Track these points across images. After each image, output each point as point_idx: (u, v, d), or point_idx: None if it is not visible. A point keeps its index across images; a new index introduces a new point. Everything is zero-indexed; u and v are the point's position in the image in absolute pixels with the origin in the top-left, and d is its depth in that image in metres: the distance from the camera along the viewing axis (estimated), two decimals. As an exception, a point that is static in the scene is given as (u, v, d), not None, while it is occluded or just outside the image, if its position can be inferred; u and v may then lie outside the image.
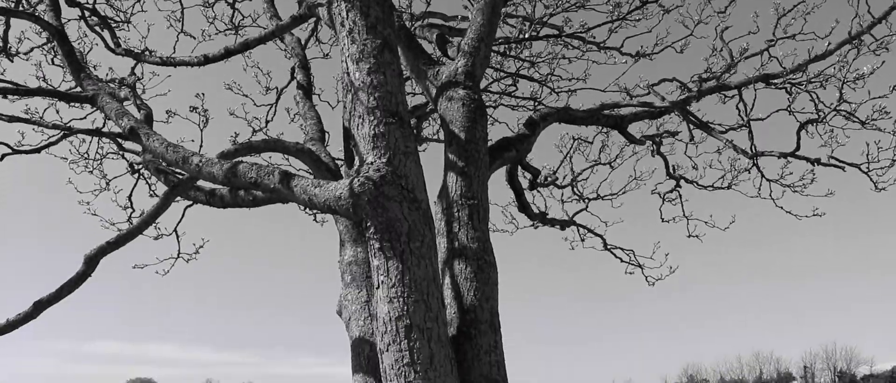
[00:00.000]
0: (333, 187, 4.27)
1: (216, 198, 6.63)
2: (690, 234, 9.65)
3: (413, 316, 3.99)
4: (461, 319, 4.54)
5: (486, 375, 4.33)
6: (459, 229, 4.83)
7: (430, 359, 3.93)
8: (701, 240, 9.83)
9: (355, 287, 5.20)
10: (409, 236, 4.13)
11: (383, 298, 4.10)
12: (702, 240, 9.80)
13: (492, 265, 4.77)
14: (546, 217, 8.80)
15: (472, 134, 5.17)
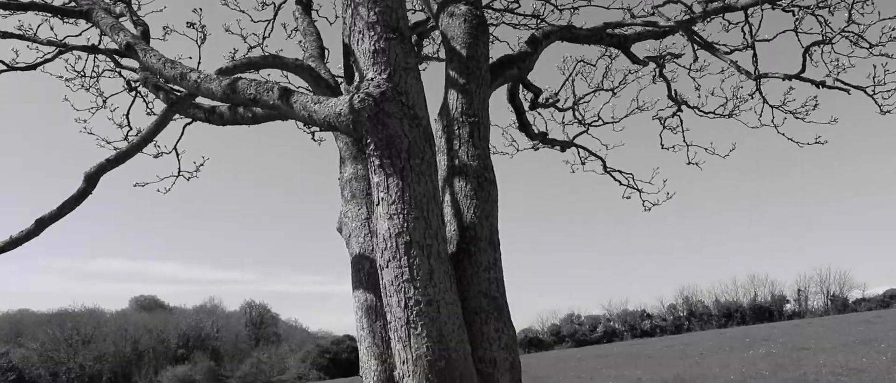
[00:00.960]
0: (333, 103, 4.24)
1: (215, 116, 6.58)
2: (690, 161, 9.64)
3: (413, 233, 4.01)
4: (461, 236, 4.56)
5: (485, 292, 4.38)
6: (460, 147, 4.82)
7: (429, 275, 3.97)
8: (701, 168, 9.84)
9: (355, 204, 5.21)
10: (410, 153, 4.11)
11: (383, 215, 4.11)
12: (701, 168, 9.79)
13: (492, 183, 4.77)
14: (546, 137, 8.77)
15: (473, 50, 5.10)
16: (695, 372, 20.54)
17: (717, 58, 8.44)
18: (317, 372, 56.24)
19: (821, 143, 8.74)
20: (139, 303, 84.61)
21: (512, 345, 4.39)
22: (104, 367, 66.95)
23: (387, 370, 4.60)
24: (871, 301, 62.64)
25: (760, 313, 64.48)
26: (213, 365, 63.38)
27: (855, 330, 28.65)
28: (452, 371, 3.88)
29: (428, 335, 3.88)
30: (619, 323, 69.79)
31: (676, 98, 9.27)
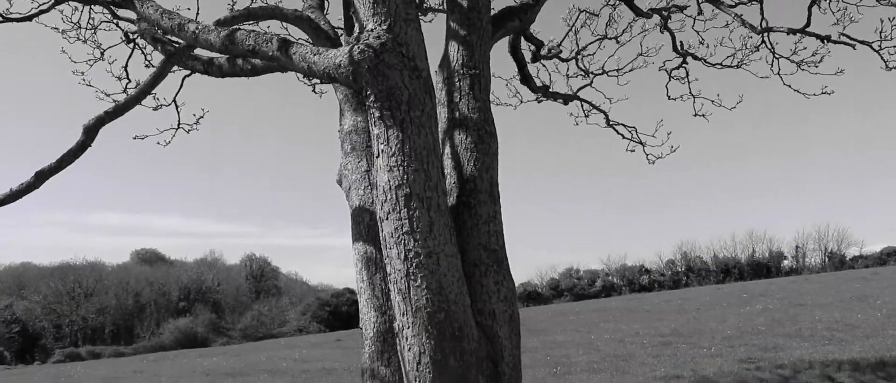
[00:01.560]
0: (333, 55, 4.19)
1: (214, 68, 6.52)
2: (697, 113, 9.58)
3: (413, 185, 4.00)
4: (461, 189, 4.55)
5: (485, 244, 4.39)
6: (460, 99, 4.78)
7: (429, 228, 3.97)
8: (707, 120, 9.79)
9: (355, 156, 5.19)
10: (410, 105, 4.08)
11: (383, 167, 4.10)
12: (708, 120, 9.73)
13: (492, 135, 4.74)
14: (549, 90, 8.71)
15: (474, 2, 5.02)
16: (692, 327, 20.74)
17: (721, 11, 8.34)
18: (317, 325, 56.82)
19: (827, 94, 8.68)
20: (140, 257, 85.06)
21: (511, 298, 4.41)
22: (106, 320, 67.65)
23: (386, 321, 4.63)
24: (868, 258, 62.97)
25: (758, 269, 64.90)
26: (214, 317, 64.01)
27: (851, 287, 28.85)
28: (452, 322, 3.91)
29: (427, 287, 3.89)
30: (617, 277, 70.29)
31: (682, 50, 9.19)
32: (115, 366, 26.83)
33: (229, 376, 18.61)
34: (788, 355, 12.94)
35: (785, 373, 10.49)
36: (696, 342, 16.99)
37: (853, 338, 15.02)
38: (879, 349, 12.62)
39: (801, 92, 8.78)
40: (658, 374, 11.70)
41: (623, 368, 13.50)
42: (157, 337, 58.82)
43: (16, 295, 65.13)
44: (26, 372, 29.20)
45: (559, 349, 18.39)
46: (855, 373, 10.16)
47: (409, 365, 3.98)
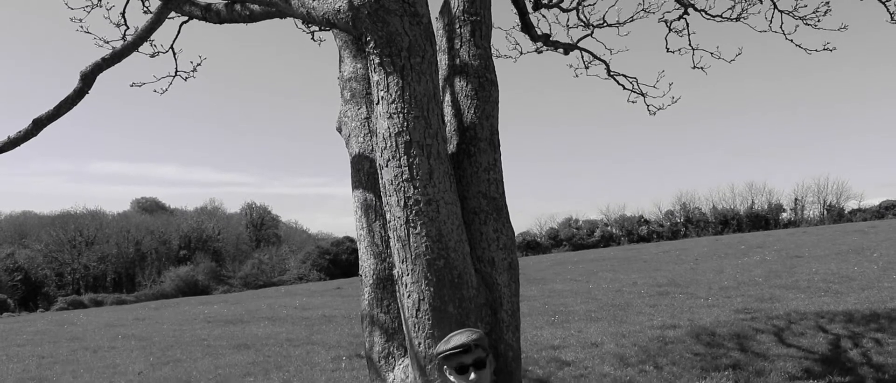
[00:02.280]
0: (332, 0, 4.13)
1: (212, 14, 6.43)
2: (695, 66, 9.50)
3: (413, 132, 3.98)
4: (461, 136, 4.53)
5: (484, 192, 4.38)
6: (461, 46, 4.73)
7: (429, 175, 3.96)
8: (706, 73, 9.71)
9: (355, 103, 5.15)
10: (410, 51, 4.04)
11: (383, 114, 4.07)
12: (707, 73, 9.67)
13: (493, 83, 4.70)
14: (549, 39, 8.62)
15: (476, -54, 4.93)
16: (689, 277, 20.90)
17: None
18: (317, 273, 57.28)
19: (829, 51, 8.60)
20: (140, 205, 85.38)
21: (510, 246, 4.42)
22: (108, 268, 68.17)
23: (386, 269, 4.65)
24: (866, 211, 63.20)
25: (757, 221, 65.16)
26: (214, 265, 64.51)
27: (849, 240, 29.00)
28: (451, 270, 3.93)
29: (427, 234, 3.90)
30: (616, 228, 70.62)
31: (683, 0, 9.07)
32: (117, 313, 27.12)
33: (230, 323, 18.83)
34: (784, 306, 13.07)
35: (780, 324, 10.60)
36: (692, 292, 17.15)
37: (849, 290, 15.14)
38: (874, 301, 12.74)
39: (802, 47, 8.70)
40: (655, 323, 11.83)
41: (620, 317, 13.65)
42: (159, 285, 59.39)
43: (17, 244, 65.54)
44: (30, 320, 29.52)
45: (557, 298, 18.57)
46: (848, 324, 10.27)
47: (408, 312, 4.02)
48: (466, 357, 3.59)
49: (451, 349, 3.58)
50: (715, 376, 8.06)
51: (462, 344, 3.58)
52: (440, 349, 3.64)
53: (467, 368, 3.57)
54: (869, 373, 7.53)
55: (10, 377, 11.77)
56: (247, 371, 10.15)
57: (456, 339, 3.60)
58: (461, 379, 3.56)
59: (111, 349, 14.69)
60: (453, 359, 3.59)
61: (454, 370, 3.57)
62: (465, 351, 3.58)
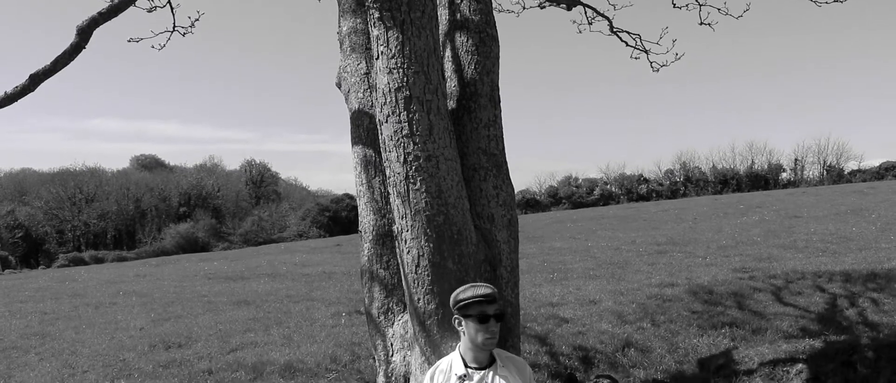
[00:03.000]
0: (330, -49, 4.06)
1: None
2: (702, 22, 9.38)
3: (412, 88, 3.94)
4: (461, 92, 4.49)
5: (484, 149, 4.36)
6: (461, 0, 4.66)
7: (428, 131, 3.93)
8: (713, 29, 9.59)
9: (354, 58, 5.10)
10: (410, 5, 3.98)
11: (383, 69, 4.03)
12: (714, 29, 9.54)
13: (494, 38, 4.64)
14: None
15: None
16: (688, 236, 20.95)
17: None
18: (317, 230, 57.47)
19: (840, 2, 8.47)
20: (140, 162, 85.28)
21: (510, 202, 4.41)
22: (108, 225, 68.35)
23: (386, 225, 4.65)
24: (866, 172, 63.13)
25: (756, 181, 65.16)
26: (214, 222, 64.68)
27: (848, 200, 29.01)
28: (451, 226, 3.92)
29: (426, 190, 3.88)
30: (615, 186, 70.66)
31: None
32: (118, 270, 27.26)
33: (230, 280, 18.92)
34: (782, 265, 13.11)
35: (777, 283, 10.64)
36: (691, 251, 17.19)
37: (847, 250, 15.18)
38: (871, 261, 12.78)
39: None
40: (653, 281, 11.88)
41: (619, 275, 13.70)
42: (159, 241, 59.62)
43: (17, 201, 65.60)
44: (32, 276, 29.68)
45: (556, 255, 18.63)
46: (846, 284, 10.30)
47: (407, 268, 4.02)
48: (490, 307, 3.60)
49: (476, 297, 3.58)
50: (712, 334, 8.11)
51: (487, 294, 3.59)
52: (461, 296, 3.64)
53: (489, 318, 3.58)
54: (864, 332, 7.58)
55: (13, 332, 11.85)
56: (247, 326, 10.23)
57: (480, 290, 3.61)
58: (481, 327, 3.57)
59: (112, 305, 14.78)
60: (475, 307, 3.59)
61: (476, 318, 3.58)
62: (488, 301, 3.59)
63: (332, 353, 7.60)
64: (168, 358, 8.27)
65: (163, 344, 9.24)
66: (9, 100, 6.51)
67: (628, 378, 6.66)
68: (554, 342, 7.86)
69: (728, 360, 6.30)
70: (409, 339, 4.51)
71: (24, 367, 9.03)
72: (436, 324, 3.96)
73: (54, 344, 10.34)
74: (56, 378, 8.06)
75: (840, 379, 5.26)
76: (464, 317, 3.62)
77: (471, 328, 3.60)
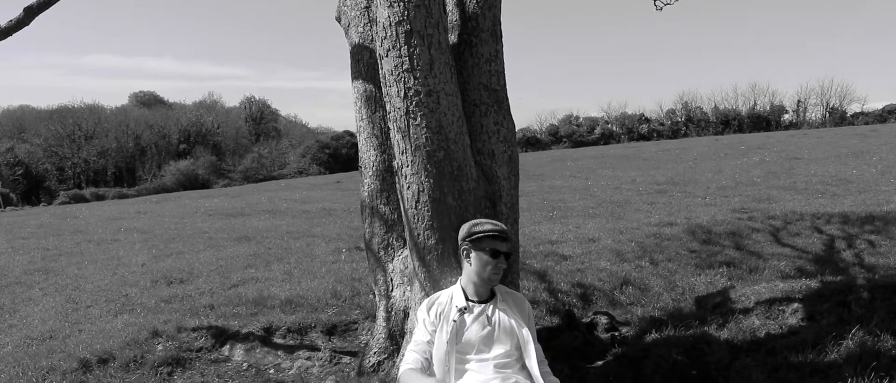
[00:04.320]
0: None
1: None
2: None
3: (413, 22, 3.86)
4: (462, 26, 4.41)
5: (486, 84, 4.30)
6: (464, -69, 4.54)
7: (429, 65, 3.87)
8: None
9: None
10: (411, -65, 3.88)
11: (383, 2, 3.95)
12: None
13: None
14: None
15: None
16: (688, 177, 20.97)
17: None
18: (317, 167, 57.52)
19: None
20: (138, 99, 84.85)
21: (510, 138, 4.38)
22: (108, 162, 68.37)
23: (386, 160, 4.63)
24: (869, 115, 62.90)
25: (758, 122, 64.96)
26: (214, 159, 64.68)
27: (849, 143, 28.96)
28: (451, 161, 3.90)
29: (427, 125, 3.85)
30: (616, 125, 70.50)
31: None
32: (119, 207, 27.36)
33: (231, 216, 19.00)
34: (781, 207, 13.13)
35: (776, 224, 10.66)
36: (691, 191, 17.23)
37: (846, 193, 15.20)
38: (870, 203, 12.79)
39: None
40: (652, 220, 11.91)
41: (618, 214, 13.75)
42: (159, 179, 59.71)
43: (16, 138, 65.45)
44: (33, 213, 29.80)
45: (556, 194, 18.67)
46: (844, 226, 10.33)
47: (407, 204, 4.01)
48: (503, 244, 3.62)
49: (493, 231, 3.61)
50: (710, 273, 8.16)
51: (503, 230, 3.61)
52: (477, 229, 3.66)
53: (500, 254, 3.60)
54: (860, 273, 7.62)
55: (16, 268, 11.94)
56: (248, 262, 10.29)
57: (499, 225, 3.63)
58: (492, 262, 3.60)
59: (114, 242, 14.86)
60: (489, 242, 3.61)
61: (488, 252, 3.60)
62: (502, 238, 3.62)
63: (333, 288, 7.66)
64: (170, 294, 8.35)
65: (165, 280, 9.31)
66: (4, 34, 6.43)
67: (626, 315, 6.73)
68: (553, 279, 7.92)
69: (725, 299, 6.35)
70: (408, 274, 4.53)
71: (28, 302, 9.13)
72: (435, 260, 3.97)
73: (57, 280, 10.43)
74: (60, 312, 8.15)
75: (835, 318, 5.30)
76: (474, 250, 3.64)
77: (480, 261, 3.62)
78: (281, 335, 6.17)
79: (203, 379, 5.42)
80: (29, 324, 7.73)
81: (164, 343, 6.01)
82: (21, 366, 5.63)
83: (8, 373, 5.53)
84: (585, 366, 5.05)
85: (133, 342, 6.03)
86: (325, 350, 5.89)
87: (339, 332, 6.22)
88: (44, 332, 7.11)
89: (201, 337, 6.13)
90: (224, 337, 6.12)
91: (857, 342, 4.69)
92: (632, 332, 5.98)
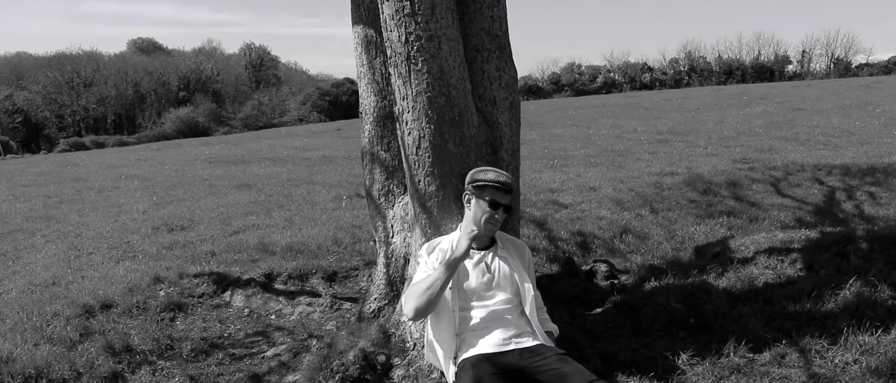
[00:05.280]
0: None
1: None
2: None
3: (414, -36, 3.79)
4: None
5: (487, 29, 4.24)
6: None
7: (430, 10, 3.80)
8: None
9: (354, -68, 4.89)
10: None
11: (383, -56, 3.86)
12: None
13: (499, -88, 4.43)
14: None
15: None
16: (689, 126, 20.89)
17: None
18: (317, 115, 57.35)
19: None
20: (137, 46, 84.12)
21: (512, 85, 4.33)
22: (107, 109, 68.12)
23: (386, 106, 4.58)
24: (874, 66, 62.39)
25: (761, 72, 64.51)
26: (214, 106, 64.43)
27: (853, 94, 28.77)
28: (452, 107, 3.86)
29: (428, 71, 3.80)
30: (619, 74, 70.07)
31: None
32: (119, 155, 27.33)
33: (231, 163, 18.98)
34: (782, 158, 13.09)
35: (777, 175, 10.65)
36: (692, 141, 17.18)
37: (848, 144, 15.15)
38: (872, 155, 12.76)
39: None
40: (653, 170, 11.89)
41: (619, 163, 13.73)
42: (159, 126, 59.57)
43: (14, 86, 65.09)
44: (33, 161, 29.78)
45: (557, 142, 18.63)
46: (845, 177, 10.31)
47: (408, 150, 3.99)
48: (504, 196, 3.64)
49: (496, 181, 3.61)
50: (710, 222, 8.17)
51: (506, 183, 3.62)
52: (481, 176, 3.68)
53: (499, 206, 3.62)
54: (860, 224, 7.64)
55: (18, 216, 11.97)
56: (249, 209, 10.31)
57: (502, 177, 3.64)
58: (489, 212, 3.62)
59: (115, 189, 14.87)
60: (491, 191, 3.64)
61: (488, 202, 3.62)
62: (505, 190, 3.63)
63: (334, 235, 7.68)
64: (171, 240, 8.37)
65: (166, 227, 9.34)
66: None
67: (626, 263, 6.75)
68: (552, 227, 7.93)
69: (724, 248, 6.37)
70: (409, 221, 4.53)
71: (30, 249, 9.17)
72: (436, 206, 3.96)
73: (59, 227, 10.46)
74: (62, 259, 8.19)
75: (833, 268, 5.32)
76: (476, 197, 3.66)
77: (479, 209, 3.65)
78: (282, 281, 6.21)
79: (205, 325, 5.47)
80: (32, 271, 7.77)
81: (166, 289, 6.05)
82: (26, 312, 5.67)
83: (13, 319, 5.58)
84: (584, 313, 5.09)
85: (135, 288, 6.07)
86: (325, 296, 5.93)
87: (339, 279, 6.26)
88: (47, 279, 7.16)
89: (203, 283, 6.17)
90: (225, 284, 6.16)
91: (855, 292, 4.71)
92: (631, 280, 6.01)
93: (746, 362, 3.99)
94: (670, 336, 4.56)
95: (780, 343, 4.16)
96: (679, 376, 3.89)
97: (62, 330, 5.16)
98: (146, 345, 4.91)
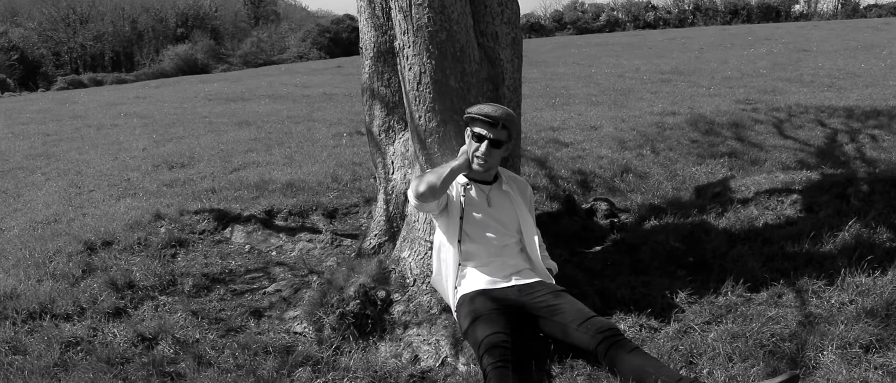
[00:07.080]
0: None
1: None
2: None
3: None
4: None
5: None
6: None
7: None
8: None
9: None
10: None
11: None
12: None
13: None
14: None
15: None
16: (692, 66, 20.69)
17: None
18: (317, 52, 56.78)
19: None
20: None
21: (514, 20, 4.26)
22: (105, 47, 67.43)
23: (387, 41, 4.52)
24: (883, 7, 61.44)
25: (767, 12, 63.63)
26: (213, 43, 63.76)
27: (860, 36, 28.38)
28: (453, 43, 3.80)
29: (429, 5, 3.72)
30: (622, 13, 69.17)
31: None
32: (117, 92, 27.14)
33: (231, 101, 18.87)
34: (786, 99, 12.98)
35: (780, 116, 10.57)
36: (695, 81, 17.02)
37: (853, 87, 15.00)
38: (877, 98, 12.65)
39: None
40: (655, 109, 11.81)
41: (621, 102, 13.63)
42: (158, 63, 59.01)
43: (9, 22, 64.25)
44: (31, 99, 29.58)
45: (559, 80, 18.49)
46: (848, 120, 10.24)
47: (408, 85, 3.94)
48: (490, 130, 3.62)
49: (481, 114, 3.61)
50: (711, 163, 8.14)
51: (492, 115, 3.60)
52: (472, 108, 3.70)
53: (484, 139, 3.61)
54: (861, 167, 7.61)
55: (17, 153, 11.94)
56: (249, 147, 10.28)
57: (488, 109, 3.62)
58: (476, 146, 3.66)
59: (114, 126, 14.81)
60: (476, 124, 3.63)
61: (474, 136, 3.63)
62: (491, 124, 3.61)
63: (334, 172, 7.67)
64: (172, 178, 8.37)
65: (166, 164, 9.33)
66: None
67: (626, 202, 6.75)
68: (553, 165, 7.91)
69: (724, 188, 6.36)
70: (409, 157, 4.51)
71: (31, 187, 9.18)
72: (436, 142, 3.94)
73: (59, 165, 10.45)
74: (63, 196, 8.20)
75: (832, 210, 5.32)
76: (469, 128, 3.68)
77: (468, 140, 3.66)
78: (282, 218, 6.23)
79: (206, 261, 5.50)
80: (33, 209, 7.79)
81: (167, 225, 6.06)
82: (28, 249, 5.70)
83: (15, 256, 5.61)
84: (584, 251, 5.11)
85: (136, 225, 6.09)
86: (325, 232, 5.95)
87: (339, 215, 6.27)
88: (48, 216, 7.18)
89: (203, 220, 6.18)
90: (226, 220, 6.18)
91: (854, 234, 4.72)
92: (631, 219, 6.02)
93: (744, 301, 4.02)
94: (669, 274, 4.58)
95: (778, 283, 4.18)
96: (677, 313, 3.92)
97: (65, 267, 5.19)
98: (148, 281, 4.94)
